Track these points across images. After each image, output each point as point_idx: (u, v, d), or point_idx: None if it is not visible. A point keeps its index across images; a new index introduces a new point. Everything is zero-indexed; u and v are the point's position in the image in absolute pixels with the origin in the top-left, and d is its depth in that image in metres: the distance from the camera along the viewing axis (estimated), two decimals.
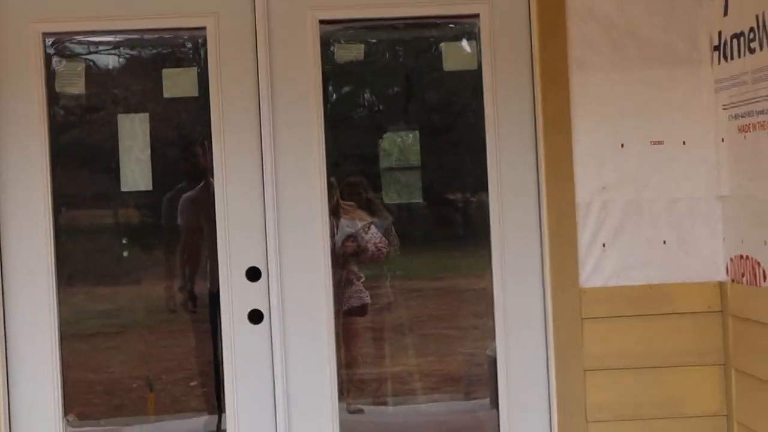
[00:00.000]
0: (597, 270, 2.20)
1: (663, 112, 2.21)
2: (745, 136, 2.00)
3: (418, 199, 2.36)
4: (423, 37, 2.41)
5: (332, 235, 2.25)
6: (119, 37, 2.40)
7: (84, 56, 2.39)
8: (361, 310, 2.61)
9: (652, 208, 2.21)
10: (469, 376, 2.53)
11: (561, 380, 2.20)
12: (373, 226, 2.40)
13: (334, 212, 2.28)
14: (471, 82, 2.20)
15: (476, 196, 2.36)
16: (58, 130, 2.27)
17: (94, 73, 2.36)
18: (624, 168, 2.21)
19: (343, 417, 2.27)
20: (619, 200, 2.20)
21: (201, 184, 2.61)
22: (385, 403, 2.59)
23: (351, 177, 2.38)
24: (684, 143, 2.21)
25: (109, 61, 2.45)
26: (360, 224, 2.40)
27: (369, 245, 2.41)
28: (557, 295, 2.20)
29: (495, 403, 2.26)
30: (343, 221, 2.40)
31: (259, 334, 2.23)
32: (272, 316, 2.23)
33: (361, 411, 2.45)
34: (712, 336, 2.21)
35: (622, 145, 2.20)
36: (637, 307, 2.20)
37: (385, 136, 2.38)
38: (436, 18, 2.39)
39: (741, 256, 2.08)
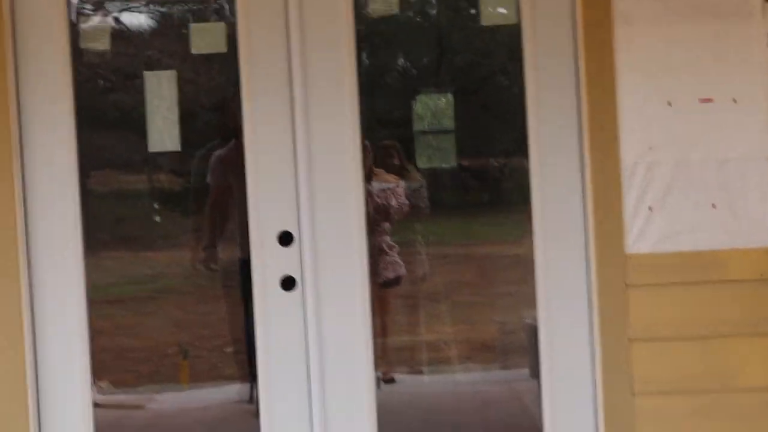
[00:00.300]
0: (643, 235, 2.13)
1: (712, 68, 2.13)
2: None
3: (451, 164, 2.29)
4: None
5: (366, 201, 2.18)
6: None
7: (109, 12, 2.35)
8: (396, 281, 2.55)
9: (701, 169, 2.13)
10: (505, 345, 2.47)
11: (606, 350, 2.14)
12: (399, 187, 2.35)
13: (367, 177, 2.21)
14: (509, 38, 2.12)
15: (515, 160, 2.27)
16: (83, 89, 2.23)
17: (119, 29, 2.32)
18: (671, 127, 2.13)
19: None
20: (666, 161, 2.13)
21: (232, 143, 2.56)
22: (420, 372, 2.53)
23: (384, 141, 2.32)
24: (735, 101, 2.12)
25: (135, 17, 2.42)
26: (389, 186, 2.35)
27: (392, 202, 2.35)
28: (601, 261, 2.14)
29: (535, 373, 2.19)
30: (374, 184, 2.34)
31: (291, 301, 2.19)
32: (305, 282, 2.19)
33: (392, 381, 2.40)
34: (764, 305, 2.12)
35: (670, 103, 2.12)
36: (685, 273, 2.12)
37: (417, 98, 2.30)
38: None
39: None
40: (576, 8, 2.16)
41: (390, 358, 2.48)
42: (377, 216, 2.40)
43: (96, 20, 2.27)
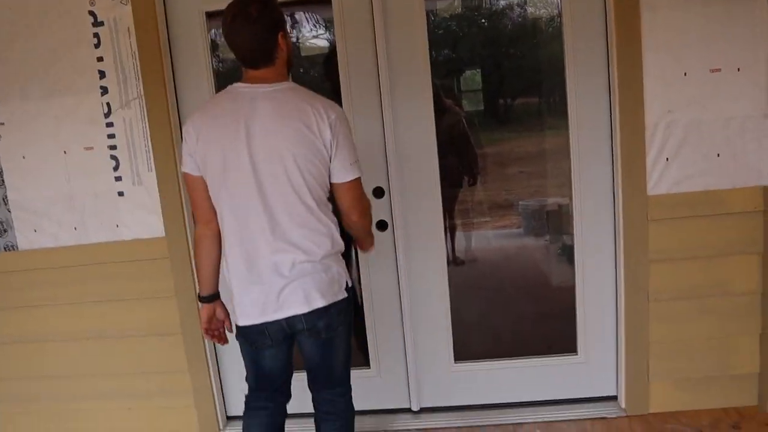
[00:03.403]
0: (661, 180, 2.37)
1: (721, 42, 2.27)
2: None
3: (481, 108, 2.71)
4: None
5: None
6: None
7: None
8: None
9: (710, 126, 2.33)
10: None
11: (628, 269, 2.44)
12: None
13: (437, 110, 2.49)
14: (548, 30, 2.37)
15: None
16: (219, 79, 2.53)
17: None
18: (687, 93, 2.31)
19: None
20: (681, 121, 2.33)
21: None
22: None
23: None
24: (738, 69, 2.28)
25: None
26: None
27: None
28: (628, 202, 2.39)
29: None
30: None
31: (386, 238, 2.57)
32: (395, 225, 2.55)
33: (462, 263, 2.80)
34: (754, 230, 2.38)
35: (685, 73, 2.30)
36: (694, 209, 2.37)
37: (464, 75, 2.65)
38: None
39: None
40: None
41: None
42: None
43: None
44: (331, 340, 1.83)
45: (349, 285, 1.86)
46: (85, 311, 2.64)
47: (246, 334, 1.83)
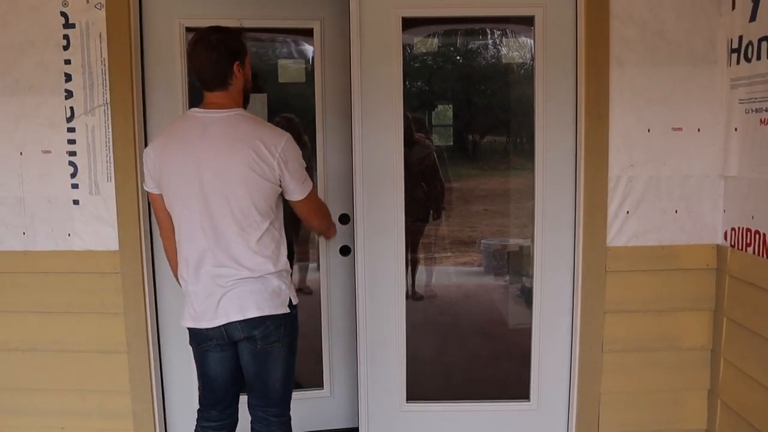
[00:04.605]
0: (621, 232, 2.37)
1: (683, 102, 2.31)
2: None
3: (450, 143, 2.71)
4: (483, 33, 2.57)
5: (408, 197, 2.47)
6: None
7: None
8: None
9: (669, 182, 2.35)
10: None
11: (584, 319, 2.41)
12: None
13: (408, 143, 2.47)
14: (520, 73, 2.38)
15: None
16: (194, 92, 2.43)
17: None
18: (649, 149, 2.33)
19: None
20: (642, 176, 2.34)
21: None
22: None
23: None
24: (699, 130, 2.32)
25: None
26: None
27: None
28: (587, 251, 2.38)
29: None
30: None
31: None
32: (357, 253, 2.46)
33: (421, 298, 2.72)
34: (706, 287, 2.38)
35: (649, 130, 2.32)
36: (650, 263, 2.37)
37: (436, 109, 2.64)
38: (498, 19, 2.53)
39: (748, 229, 2.16)
40: (578, 52, 2.33)
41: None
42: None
43: None
44: (267, 354, 1.88)
45: (293, 303, 1.91)
46: (23, 320, 2.46)
47: (192, 335, 1.94)
